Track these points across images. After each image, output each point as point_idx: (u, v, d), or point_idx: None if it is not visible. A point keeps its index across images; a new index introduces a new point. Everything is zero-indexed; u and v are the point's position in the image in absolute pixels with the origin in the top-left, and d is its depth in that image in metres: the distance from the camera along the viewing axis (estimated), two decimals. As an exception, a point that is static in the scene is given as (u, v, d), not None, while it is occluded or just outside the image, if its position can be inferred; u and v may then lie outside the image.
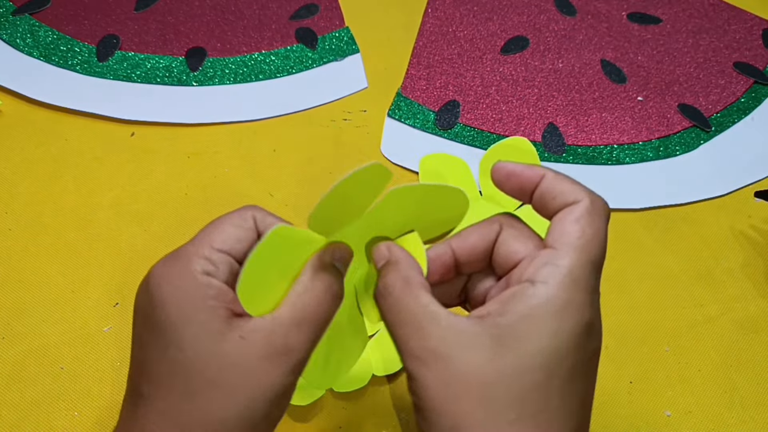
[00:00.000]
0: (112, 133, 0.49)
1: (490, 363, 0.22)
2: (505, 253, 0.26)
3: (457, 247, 0.27)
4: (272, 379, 0.24)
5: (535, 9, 0.59)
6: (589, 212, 0.24)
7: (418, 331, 0.23)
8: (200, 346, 0.24)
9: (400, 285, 0.25)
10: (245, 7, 0.57)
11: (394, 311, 0.25)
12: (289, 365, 0.24)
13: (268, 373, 0.24)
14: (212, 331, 0.24)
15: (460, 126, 0.51)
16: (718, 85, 0.55)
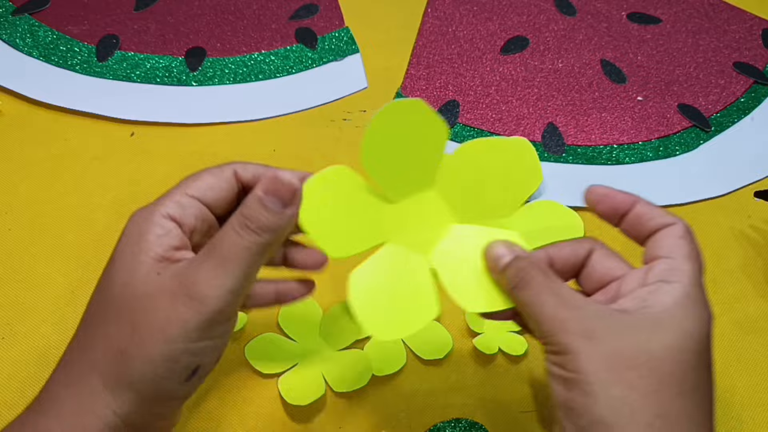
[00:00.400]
0: (112, 132, 0.49)
1: (654, 342, 0.24)
2: (601, 269, 0.28)
3: (553, 254, 0.29)
4: (176, 316, 0.25)
5: (535, 9, 0.59)
6: (688, 231, 0.27)
7: (576, 311, 0.25)
8: (124, 276, 0.25)
9: (542, 275, 0.27)
10: (245, 7, 0.57)
11: (541, 298, 0.26)
12: (193, 306, 0.25)
13: (168, 311, 0.25)
14: (138, 263, 0.25)
15: (460, 126, 0.51)
16: (718, 85, 0.55)
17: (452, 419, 0.37)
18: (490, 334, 0.40)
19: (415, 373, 0.37)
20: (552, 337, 0.25)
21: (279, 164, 0.48)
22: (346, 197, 0.29)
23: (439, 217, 0.30)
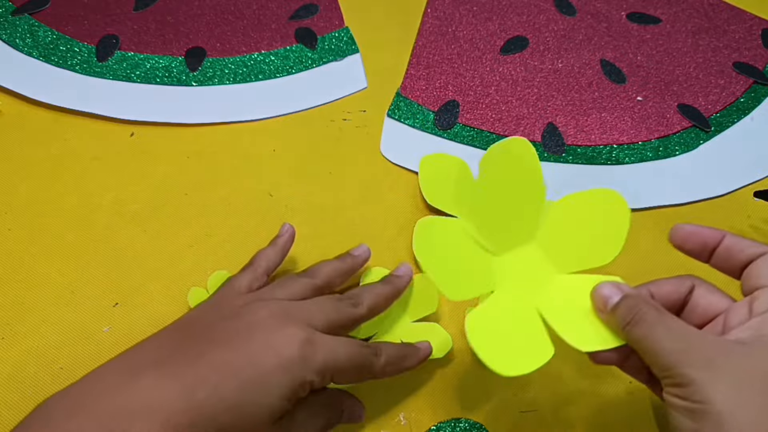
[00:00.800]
0: (112, 133, 0.49)
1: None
2: (704, 303, 0.30)
3: (654, 291, 0.31)
4: None
5: (535, 9, 0.60)
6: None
7: (695, 343, 0.26)
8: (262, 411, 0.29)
9: (655, 311, 0.28)
10: (244, 7, 0.57)
11: (657, 332, 0.27)
12: None
13: None
14: (274, 414, 0.29)
15: (460, 126, 0.51)
16: (718, 85, 0.55)
17: (452, 419, 0.37)
18: (490, 334, 0.40)
19: (414, 373, 0.37)
20: (672, 370, 0.26)
21: (279, 164, 0.48)
22: (458, 247, 0.32)
23: (541, 268, 0.33)
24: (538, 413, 0.38)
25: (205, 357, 0.29)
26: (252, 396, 0.29)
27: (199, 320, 0.33)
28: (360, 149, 0.49)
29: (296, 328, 0.31)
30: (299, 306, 0.33)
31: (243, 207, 0.45)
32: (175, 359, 0.30)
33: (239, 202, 0.45)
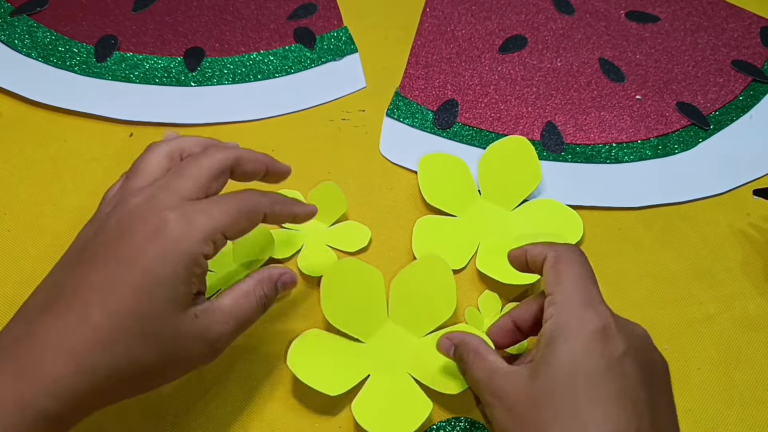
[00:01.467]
0: (111, 133, 0.49)
1: (529, 387, 0.30)
2: None
3: (516, 317, 0.35)
4: (195, 353, 0.30)
5: (533, 8, 0.59)
6: (556, 258, 0.33)
7: (489, 383, 0.32)
8: (164, 306, 0.29)
9: (473, 354, 0.33)
10: (243, 7, 0.57)
11: (473, 371, 0.33)
12: (213, 347, 0.31)
13: (196, 348, 0.30)
14: (180, 302, 0.29)
15: (459, 125, 0.51)
16: (717, 83, 0.55)
17: (452, 418, 0.37)
18: (489, 333, 0.40)
19: (414, 372, 0.37)
20: (480, 396, 0.33)
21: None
22: (327, 350, 0.37)
23: (402, 339, 0.38)
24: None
25: (86, 280, 0.28)
26: (146, 296, 0.28)
27: (76, 245, 0.31)
28: (359, 149, 0.49)
29: (161, 209, 0.29)
30: (167, 187, 0.31)
31: (242, 207, 0.45)
32: (62, 294, 0.29)
33: (238, 202, 0.45)
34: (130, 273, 0.28)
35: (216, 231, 0.30)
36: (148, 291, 0.28)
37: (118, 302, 0.28)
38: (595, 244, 0.45)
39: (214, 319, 0.30)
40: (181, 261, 0.29)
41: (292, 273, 0.35)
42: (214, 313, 0.31)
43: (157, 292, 0.28)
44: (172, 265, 0.29)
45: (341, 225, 0.44)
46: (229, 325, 0.31)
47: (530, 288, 0.42)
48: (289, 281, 0.35)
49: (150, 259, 0.29)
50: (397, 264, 0.43)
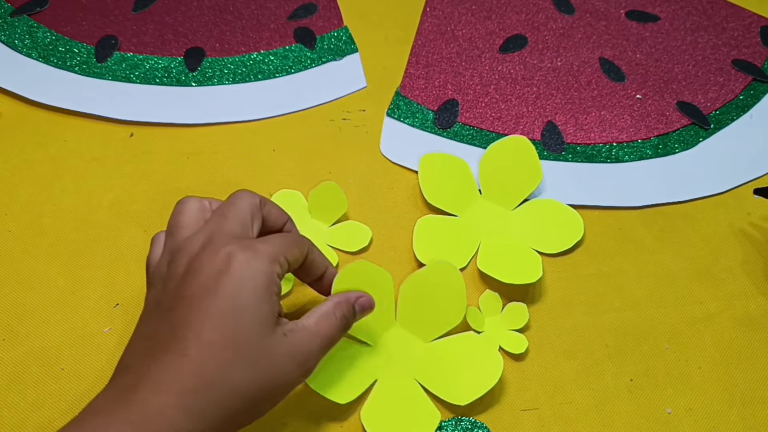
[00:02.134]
0: (111, 133, 0.49)
1: None
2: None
3: None
4: (293, 377, 0.31)
5: (534, 7, 0.59)
6: None
7: None
8: (257, 331, 0.29)
9: None
10: (243, 7, 0.57)
11: None
12: (305, 368, 0.31)
13: (291, 370, 0.31)
14: (267, 322, 0.30)
15: (459, 125, 0.51)
16: (717, 82, 0.55)
17: (454, 418, 0.37)
18: (490, 333, 0.40)
19: (416, 372, 0.37)
20: None
21: (278, 164, 0.48)
22: (336, 354, 0.36)
23: (409, 344, 0.38)
24: (539, 411, 0.38)
25: (176, 320, 0.29)
26: (234, 321, 0.29)
27: (150, 303, 0.32)
28: (359, 149, 0.49)
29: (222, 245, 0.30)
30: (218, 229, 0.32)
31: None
32: (157, 339, 0.29)
33: (239, 202, 0.45)
34: (215, 303, 0.29)
35: (279, 253, 0.31)
36: (235, 315, 0.29)
37: (210, 332, 0.29)
38: (595, 244, 0.45)
39: (302, 338, 0.31)
40: (258, 280, 0.30)
41: (369, 297, 0.36)
42: (301, 332, 0.31)
43: (244, 314, 0.29)
44: (251, 286, 0.30)
45: (342, 225, 0.44)
46: (316, 344, 0.32)
47: (531, 287, 0.42)
48: (366, 304, 0.35)
49: (229, 286, 0.29)
50: (398, 264, 0.43)
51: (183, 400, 0.27)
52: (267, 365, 0.29)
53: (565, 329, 0.41)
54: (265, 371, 0.29)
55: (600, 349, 0.40)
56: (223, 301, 0.29)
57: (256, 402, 0.30)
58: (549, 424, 0.37)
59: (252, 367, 0.29)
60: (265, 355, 0.29)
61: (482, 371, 0.37)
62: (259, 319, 0.29)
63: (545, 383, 0.39)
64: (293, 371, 0.31)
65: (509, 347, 0.39)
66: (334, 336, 0.33)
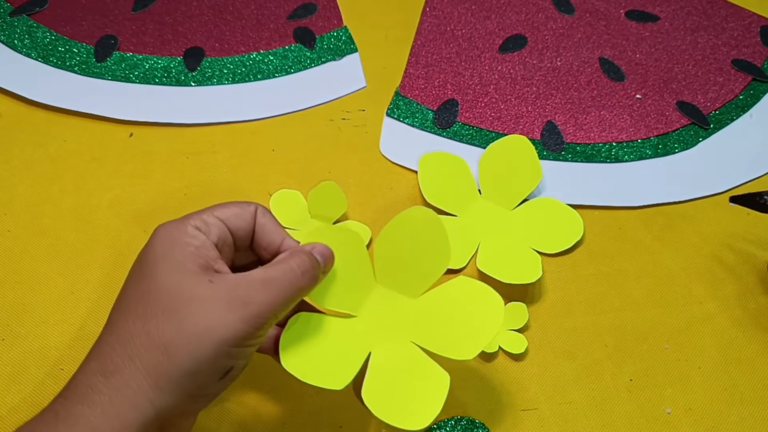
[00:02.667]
0: (111, 133, 0.49)
1: None
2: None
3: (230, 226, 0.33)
4: (226, 321, 0.27)
5: (533, 7, 0.59)
6: None
7: None
8: (169, 278, 0.28)
9: None
10: (243, 7, 0.57)
11: None
12: (246, 314, 0.28)
13: (222, 315, 0.27)
14: (185, 269, 0.28)
15: (459, 125, 0.51)
16: (717, 82, 0.55)
17: (452, 417, 0.37)
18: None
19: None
20: None
21: (278, 164, 0.48)
22: (319, 336, 0.33)
23: (397, 304, 0.34)
24: (538, 411, 0.38)
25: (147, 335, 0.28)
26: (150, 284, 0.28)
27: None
28: (359, 148, 0.49)
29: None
30: None
31: (242, 207, 0.45)
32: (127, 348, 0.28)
33: (239, 202, 0.45)
34: (132, 270, 0.30)
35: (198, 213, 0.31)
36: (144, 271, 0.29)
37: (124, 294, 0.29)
38: (595, 244, 0.45)
39: (238, 284, 0.28)
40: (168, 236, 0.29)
41: (325, 246, 0.32)
42: (236, 279, 0.29)
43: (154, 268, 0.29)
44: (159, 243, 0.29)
45: (341, 225, 0.44)
46: (262, 292, 0.28)
47: (530, 287, 0.42)
48: (326, 252, 0.32)
49: (143, 252, 0.30)
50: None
51: (98, 362, 0.27)
52: (190, 313, 0.27)
53: (564, 329, 0.41)
54: (191, 320, 0.27)
55: (599, 349, 0.40)
56: (137, 265, 0.29)
57: (189, 354, 0.27)
58: (549, 424, 0.37)
59: (170, 315, 0.27)
60: (185, 303, 0.27)
61: (482, 316, 0.33)
62: (170, 268, 0.28)
63: (545, 383, 0.39)
64: (227, 317, 0.27)
65: (509, 347, 0.39)
66: (293, 286, 0.30)
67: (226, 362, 0.28)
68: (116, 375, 0.27)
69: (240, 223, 0.31)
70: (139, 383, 0.27)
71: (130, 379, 0.27)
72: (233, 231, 0.31)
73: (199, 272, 0.28)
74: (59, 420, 0.26)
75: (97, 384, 0.27)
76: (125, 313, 0.28)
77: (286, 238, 0.32)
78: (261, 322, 0.28)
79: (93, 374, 0.27)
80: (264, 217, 0.32)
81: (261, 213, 0.32)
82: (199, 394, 0.28)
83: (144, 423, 0.27)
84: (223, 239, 0.30)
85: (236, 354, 0.28)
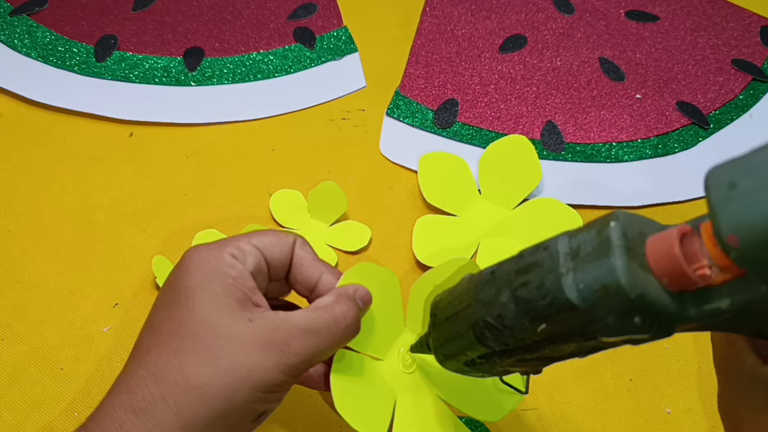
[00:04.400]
0: (111, 133, 0.49)
1: None
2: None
3: None
4: (261, 366, 0.26)
5: (533, 7, 0.59)
6: None
7: None
8: (207, 312, 0.26)
9: None
10: (243, 6, 0.57)
11: None
12: (282, 361, 0.26)
13: (259, 359, 0.26)
14: (224, 304, 0.27)
15: (459, 124, 0.51)
16: (717, 82, 0.55)
17: (453, 418, 0.37)
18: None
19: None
20: None
21: (278, 164, 0.48)
22: (361, 377, 0.31)
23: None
24: (538, 411, 0.38)
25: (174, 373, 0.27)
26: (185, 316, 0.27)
27: None
28: (359, 148, 0.49)
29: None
30: None
31: (242, 207, 0.45)
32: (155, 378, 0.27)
33: (239, 202, 0.45)
34: (164, 295, 0.28)
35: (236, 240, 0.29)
36: (179, 300, 0.27)
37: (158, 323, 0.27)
38: (595, 244, 0.45)
39: (278, 327, 0.27)
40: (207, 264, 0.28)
41: (365, 288, 0.31)
42: (276, 321, 0.27)
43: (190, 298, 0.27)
44: (196, 270, 0.28)
45: (341, 224, 0.44)
46: (303, 339, 0.27)
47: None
48: (366, 297, 0.31)
49: (177, 275, 0.28)
50: (397, 263, 0.43)
51: (129, 396, 0.26)
52: (228, 354, 0.26)
53: (564, 329, 0.41)
54: (228, 361, 0.26)
55: (599, 348, 0.40)
56: (170, 292, 0.27)
57: (224, 398, 0.26)
58: (549, 423, 0.37)
59: (206, 353, 0.26)
60: (224, 342, 0.26)
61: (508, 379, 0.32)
62: (208, 301, 0.27)
63: (545, 383, 0.39)
64: (264, 362, 0.26)
65: (509, 347, 0.39)
66: (335, 338, 0.28)
67: (260, 407, 0.27)
68: (147, 414, 0.26)
69: (277, 253, 0.30)
70: (171, 425, 0.26)
71: (161, 421, 0.26)
72: (269, 261, 0.29)
73: (238, 308, 0.27)
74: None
75: (126, 421, 0.26)
76: (158, 345, 0.27)
77: (324, 274, 0.30)
78: (297, 372, 0.27)
79: (123, 409, 0.26)
80: (302, 249, 0.30)
81: (300, 245, 0.30)
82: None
83: None
84: (258, 269, 0.29)
85: (270, 399, 0.27)
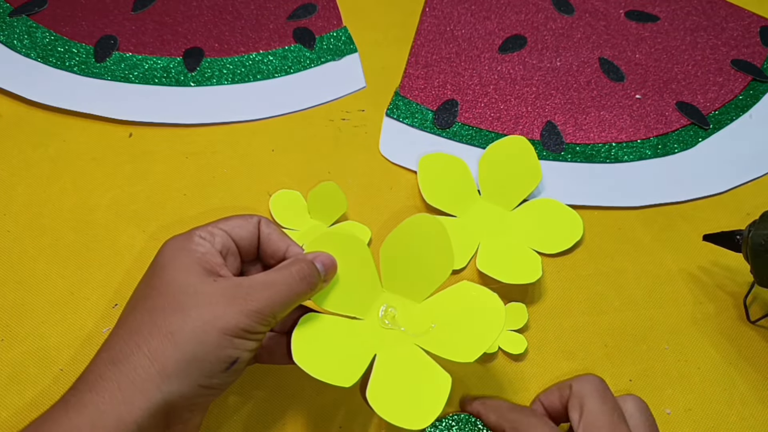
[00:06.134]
0: (110, 133, 0.49)
1: None
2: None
3: (543, 400, 0.36)
4: (228, 313, 0.29)
5: (533, 7, 0.59)
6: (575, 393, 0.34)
7: None
8: (175, 277, 0.30)
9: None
10: (243, 7, 0.57)
11: None
12: (247, 309, 0.30)
13: (225, 308, 0.29)
14: (191, 271, 0.30)
15: (459, 125, 0.51)
16: (716, 82, 0.55)
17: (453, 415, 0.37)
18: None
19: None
20: None
21: (277, 164, 0.48)
22: (328, 335, 0.33)
23: (402, 306, 0.36)
24: (538, 412, 0.38)
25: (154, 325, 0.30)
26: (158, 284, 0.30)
27: None
28: (359, 149, 0.49)
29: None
30: None
31: (242, 207, 0.45)
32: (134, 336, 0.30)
33: (238, 202, 0.45)
34: (144, 278, 0.32)
35: (206, 226, 0.33)
36: (155, 275, 0.31)
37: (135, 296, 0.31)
38: (595, 244, 0.45)
39: (239, 283, 0.30)
40: (176, 245, 0.32)
41: (328, 255, 0.34)
42: (238, 279, 0.31)
43: (163, 272, 0.31)
44: (169, 250, 0.32)
45: (341, 225, 0.44)
46: (262, 292, 0.30)
47: (530, 287, 0.42)
48: (327, 262, 0.33)
49: (155, 261, 0.32)
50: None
51: (108, 353, 0.29)
52: (195, 304, 0.29)
53: (564, 329, 0.41)
54: (195, 310, 0.29)
55: (599, 349, 0.40)
56: (147, 271, 0.31)
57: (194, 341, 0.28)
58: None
59: (176, 307, 0.29)
60: (191, 297, 0.29)
61: (484, 320, 0.34)
62: (177, 269, 0.30)
63: (545, 383, 0.39)
64: (229, 309, 0.29)
65: (508, 348, 0.39)
66: (291, 290, 0.31)
67: (231, 352, 0.29)
68: (124, 362, 0.28)
69: (243, 233, 0.33)
70: (147, 369, 0.28)
71: (137, 365, 0.28)
72: (237, 240, 0.33)
73: (204, 274, 0.30)
74: (69, 408, 0.27)
75: (106, 372, 0.28)
76: (133, 308, 0.30)
77: (290, 246, 0.34)
78: (261, 317, 0.30)
79: (103, 363, 0.28)
80: (268, 227, 0.34)
81: (264, 224, 0.34)
82: (205, 384, 0.29)
83: (151, 408, 0.27)
84: (227, 248, 0.33)
85: (239, 345, 0.30)
